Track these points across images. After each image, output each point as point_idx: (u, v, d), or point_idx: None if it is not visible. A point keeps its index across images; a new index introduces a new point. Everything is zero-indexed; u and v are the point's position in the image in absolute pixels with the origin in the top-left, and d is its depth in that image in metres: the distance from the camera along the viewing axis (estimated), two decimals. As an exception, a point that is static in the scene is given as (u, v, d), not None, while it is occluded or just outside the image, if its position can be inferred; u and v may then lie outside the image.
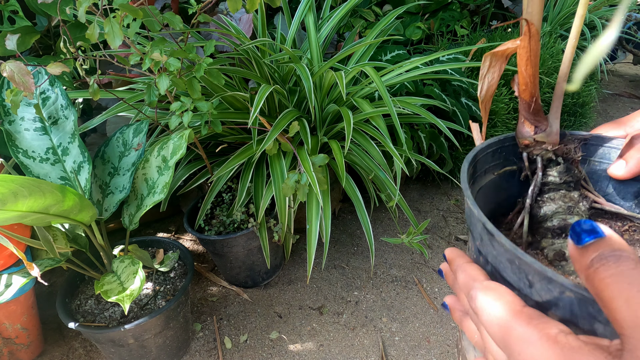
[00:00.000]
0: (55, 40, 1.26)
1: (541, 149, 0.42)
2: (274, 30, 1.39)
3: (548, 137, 0.41)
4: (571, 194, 0.41)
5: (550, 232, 0.41)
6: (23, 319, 1.03)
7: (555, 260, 0.39)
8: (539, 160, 0.42)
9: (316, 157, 1.01)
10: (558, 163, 0.42)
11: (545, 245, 0.40)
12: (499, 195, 0.46)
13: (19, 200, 0.67)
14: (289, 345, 1.12)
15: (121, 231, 1.44)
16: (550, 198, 0.41)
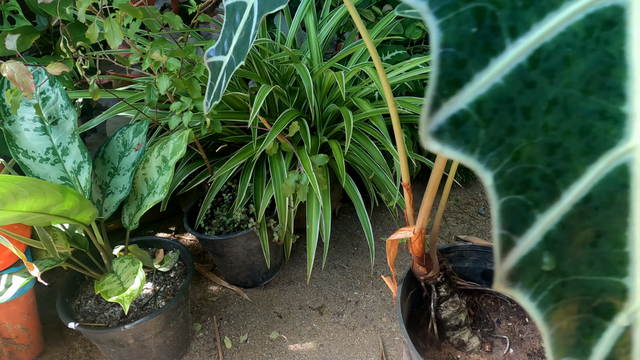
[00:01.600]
0: (55, 40, 1.26)
1: (432, 279, 0.67)
2: (274, 30, 1.39)
3: (434, 271, 0.67)
4: (455, 299, 0.65)
5: (452, 328, 0.66)
6: (23, 319, 1.03)
7: (460, 346, 0.65)
8: (432, 286, 0.67)
9: (316, 157, 1.01)
10: (443, 282, 0.67)
11: (450, 337, 0.67)
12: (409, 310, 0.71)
13: (19, 200, 0.67)
14: (289, 345, 1.12)
15: (121, 231, 1.44)
16: (445, 307, 0.66)
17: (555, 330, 0.22)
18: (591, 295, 0.21)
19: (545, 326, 0.21)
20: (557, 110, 0.20)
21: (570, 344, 0.22)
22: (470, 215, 1.54)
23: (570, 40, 0.19)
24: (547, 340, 0.22)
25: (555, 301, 0.21)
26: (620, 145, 0.20)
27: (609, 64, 0.19)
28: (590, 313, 0.21)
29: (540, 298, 0.21)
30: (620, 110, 0.19)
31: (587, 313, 0.21)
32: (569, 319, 0.21)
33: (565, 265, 0.21)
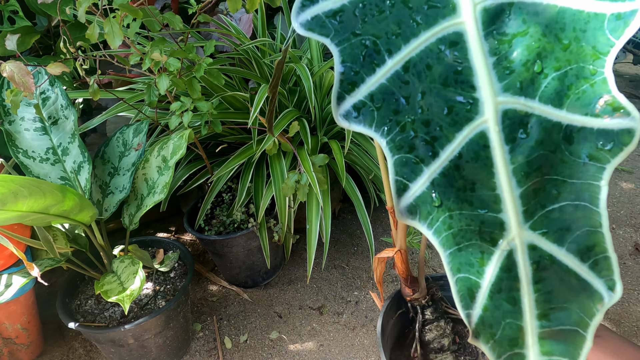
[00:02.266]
0: (55, 40, 1.26)
1: (418, 301, 0.69)
2: (274, 30, 1.39)
3: (420, 293, 0.68)
4: (440, 324, 0.68)
5: (434, 351, 0.68)
6: (23, 319, 1.03)
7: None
8: (418, 308, 0.69)
9: (316, 157, 1.01)
10: (429, 305, 0.69)
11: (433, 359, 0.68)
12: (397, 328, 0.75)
13: (19, 200, 0.67)
14: (289, 345, 1.12)
15: (121, 231, 1.44)
16: (429, 329, 0.68)
17: (450, 252, 0.29)
18: (475, 226, 0.28)
19: (441, 249, 0.29)
20: (427, 98, 0.29)
21: (466, 262, 0.29)
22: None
23: (429, 54, 0.29)
24: (445, 261, 0.29)
25: (446, 230, 0.29)
26: (478, 118, 0.29)
27: (459, 66, 0.29)
28: (477, 240, 0.29)
29: (434, 227, 0.29)
30: (473, 96, 0.29)
31: (475, 240, 0.29)
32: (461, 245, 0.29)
33: (450, 203, 0.29)
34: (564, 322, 0.27)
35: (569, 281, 0.27)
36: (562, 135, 0.27)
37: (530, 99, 0.28)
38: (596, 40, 0.27)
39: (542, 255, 0.28)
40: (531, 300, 0.28)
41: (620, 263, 1.30)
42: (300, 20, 0.31)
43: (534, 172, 0.28)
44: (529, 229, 0.28)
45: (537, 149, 0.28)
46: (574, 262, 0.27)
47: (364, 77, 0.30)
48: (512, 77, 0.28)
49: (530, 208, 0.28)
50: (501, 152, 0.28)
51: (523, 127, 0.28)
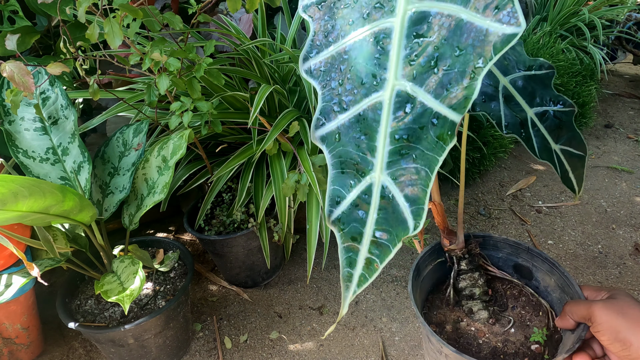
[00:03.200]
0: (55, 40, 1.26)
1: (454, 252, 0.76)
2: (274, 30, 1.39)
3: (457, 245, 0.75)
4: (474, 275, 0.76)
5: (465, 297, 0.77)
6: (23, 319, 1.03)
7: (469, 313, 0.76)
8: (454, 259, 0.77)
9: (316, 157, 1.01)
10: (465, 258, 0.76)
11: (464, 304, 0.77)
12: (436, 275, 0.83)
13: (19, 201, 0.67)
14: (289, 345, 1.12)
15: (121, 231, 1.44)
16: (463, 278, 0.76)
17: (335, 172, 0.43)
18: (355, 161, 0.42)
19: (331, 168, 0.43)
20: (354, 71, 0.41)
21: (342, 181, 0.43)
22: (470, 215, 1.54)
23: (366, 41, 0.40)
24: (329, 177, 0.43)
25: (338, 157, 0.43)
26: (380, 92, 0.40)
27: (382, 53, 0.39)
28: (354, 170, 0.42)
29: (332, 153, 0.43)
30: (383, 75, 0.39)
31: (352, 170, 0.42)
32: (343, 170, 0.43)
33: (345, 141, 0.42)
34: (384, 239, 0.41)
35: (397, 215, 0.40)
36: (430, 118, 0.38)
37: (419, 86, 0.38)
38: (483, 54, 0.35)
39: (388, 193, 0.41)
40: (373, 218, 0.42)
41: (620, 263, 1.30)
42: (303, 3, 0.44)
43: (403, 138, 0.39)
44: (387, 174, 0.40)
45: (411, 123, 0.39)
46: (404, 204, 0.40)
47: (323, 48, 0.43)
48: (411, 67, 0.38)
49: (393, 161, 0.40)
50: (387, 119, 0.39)
51: (407, 105, 0.39)
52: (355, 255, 0.43)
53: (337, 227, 0.43)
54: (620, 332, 0.50)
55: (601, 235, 1.42)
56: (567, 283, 0.72)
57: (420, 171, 0.38)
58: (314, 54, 0.43)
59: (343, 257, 0.44)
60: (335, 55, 0.42)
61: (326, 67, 0.42)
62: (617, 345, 0.50)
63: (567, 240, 1.41)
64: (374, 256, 0.42)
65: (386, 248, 0.41)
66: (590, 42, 2.05)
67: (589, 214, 1.52)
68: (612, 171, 1.75)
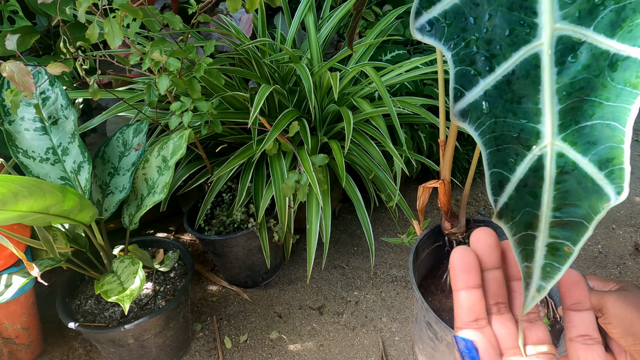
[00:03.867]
0: (55, 40, 1.26)
1: (455, 235, 0.74)
2: (274, 30, 1.39)
3: (458, 229, 0.73)
4: None
5: None
6: (23, 319, 1.03)
7: None
8: (454, 243, 0.74)
9: (316, 157, 1.01)
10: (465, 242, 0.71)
11: None
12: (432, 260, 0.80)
13: (19, 201, 0.67)
14: (289, 345, 1.12)
15: (121, 231, 1.44)
16: None
17: (490, 151, 0.34)
18: (515, 132, 0.33)
19: (484, 147, 0.34)
20: (492, 20, 0.33)
21: (501, 160, 0.34)
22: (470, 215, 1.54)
23: None
24: (484, 158, 0.34)
25: (490, 133, 0.34)
26: (534, 41, 0.32)
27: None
28: (514, 144, 0.33)
29: (480, 129, 0.34)
30: (534, 21, 0.32)
31: (512, 144, 0.34)
32: (500, 146, 0.34)
33: (497, 111, 0.33)
34: (573, 215, 0.32)
35: (585, 184, 0.32)
36: (608, 63, 0.31)
37: (586, 27, 0.31)
38: None
39: (567, 162, 0.32)
40: (550, 196, 0.33)
41: (620, 263, 1.30)
42: None
43: (575, 92, 0.32)
44: (560, 140, 0.32)
45: (583, 73, 0.31)
46: (593, 170, 0.31)
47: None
48: (572, 6, 0.31)
49: (566, 123, 0.32)
50: (550, 72, 0.32)
51: (573, 52, 0.32)
52: (532, 244, 0.35)
53: (505, 218, 0.36)
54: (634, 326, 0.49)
55: (601, 235, 1.42)
56: None
57: (606, 127, 0.32)
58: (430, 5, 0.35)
59: (517, 252, 0.36)
60: (460, 4, 0.34)
61: (450, 20, 0.34)
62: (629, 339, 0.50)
63: (567, 240, 1.41)
64: (560, 239, 0.34)
65: (579, 225, 0.33)
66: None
67: (589, 214, 1.52)
68: (612, 171, 1.76)
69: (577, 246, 0.33)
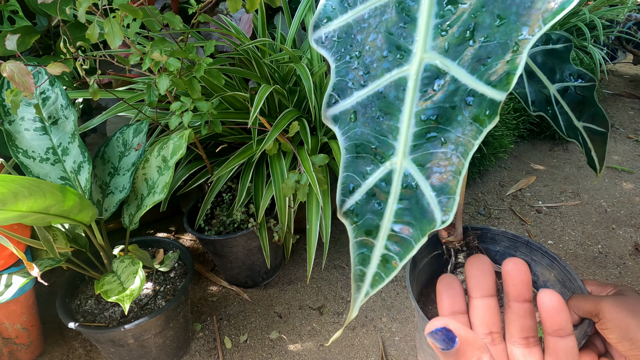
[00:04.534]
0: (55, 40, 1.26)
1: (452, 244, 0.73)
2: (274, 30, 1.39)
3: (455, 237, 0.73)
4: None
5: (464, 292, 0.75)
6: (23, 319, 1.03)
7: None
8: (452, 251, 0.74)
9: (316, 157, 1.01)
10: (463, 250, 0.74)
11: None
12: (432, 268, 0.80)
13: (19, 201, 0.67)
14: (289, 345, 1.12)
15: (121, 231, 1.44)
16: (460, 272, 0.74)
17: (350, 156, 0.37)
18: (374, 144, 0.36)
19: (345, 152, 0.37)
20: (375, 41, 0.35)
21: (357, 167, 0.37)
22: (470, 215, 1.54)
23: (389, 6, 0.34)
24: (342, 162, 0.37)
25: (353, 140, 0.37)
26: (405, 65, 0.34)
27: (408, 21, 0.34)
28: (371, 155, 0.36)
29: (346, 135, 0.37)
30: (408, 47, 0.34)
31: (370, 154, 0.36)
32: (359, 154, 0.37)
33: (362, 121, 0.36)
34: (406, 233, 0.36)
35: (422, 205, 0.35)
36: (464, 97, 0.33)
37: (451, 60, 0.33)
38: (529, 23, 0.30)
39: (412, 181, 0.35)
40: (392, 210, 0.36)
41: (620, 263, 1.30)
42: None
43: (431, 120, 0.34)
44: (410, 160, 0.35)
45: (441, 102, 0.33)
46: (430, 194, 0.34)
47: (337, 14, 0.37)
48: (443, 39, 0.33)
49: (418, 145, 0.35)
50: (412, 96, 0.34)
51: (437, 82, 0.34)
52: (370, 251, 0.38)
53: (349, 219, 0.39)
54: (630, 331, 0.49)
55: (601, 235, 1.42)
56: (569, 277, 0.71)
57: (451, 156, 0.33)
58: (325, 22, 0.38)
59: (355, 254, 0.40)
60: (352, 23, 0.37)
61: (341, 37, 0.37)
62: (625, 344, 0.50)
63: (567, 240, 1.41)
64: (391, 253, 0.36)
65: (408, 243, 0.35)
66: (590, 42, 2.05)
67: (589, 214, 1.52)
68: (612, 171, 1.75)
69: (401, 262, 0.36)
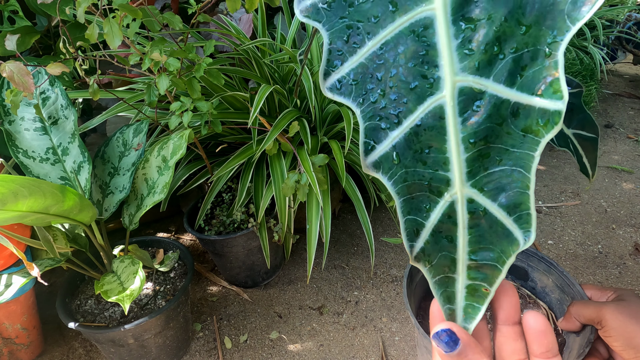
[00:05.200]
0: (55, 40, 1.26)
1: None
2: (274, 30, 1.39)
3: None
4: None
5: None
6: (23, 319, 1.03)
7: None
8: None
9: (316, 157, 1.01)
10: None
11: None
12: None
13: (19, 200, 0.67)
14: (289, 345, 1.12)
15: (121, 231, 1.44)
16: None
17: (403, 199, 0.35)
18: (426, 180, 0.34)
19: (397, 196, 0.35)
20: (397, 75, 0.33)
21: (415, 208, 0.35)
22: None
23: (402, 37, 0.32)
24: (398, 207, 0.35)
25: (402, 182, 0.35)
26: (437, 94, 0.32)
27: (426, 47, 0.32)
28: (426, 192, 0.35)
29: (393, 179, 0.35)
30: (435, 74, 0.32)
31: (424, 192, 0.35)
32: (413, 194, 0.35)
33: (407, 161, 0.34)
34: (487, 259, 0.34)
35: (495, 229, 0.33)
36: (510, 111, 0.31)
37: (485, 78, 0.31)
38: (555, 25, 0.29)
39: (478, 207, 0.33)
40: (465, 240, 0.34)
41: (620, 263, 1.30)
42: (300, 7, 0.35)
43: (480, 141, 0.32)
44: (470, 187, 0.33)
45: (486, 122, 0.32)
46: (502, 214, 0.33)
47: (347, 56, 0.34)
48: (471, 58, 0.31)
49: (474, 170, 0.33)
50: (454, 123, 0.32)
51: (476, 102, 0.32)
52: (452, 286, 0.36)
53: (422, 261, 0.36)
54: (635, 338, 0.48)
55: (601, 235, 1.42)
56: (567, 283, 0.71)
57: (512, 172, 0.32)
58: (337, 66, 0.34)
59: (439, 294, 0.37)
60: (365, 62, 0.34)
61: (357, 79, 0.34)
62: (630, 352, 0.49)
63: (567, 241, 1.41)
64: (478, 281, 0.35)
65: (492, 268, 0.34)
66: (590, 42, 2.05)
67: (589, 214, 1.52)
68: (612, 171, 1.75)
69: (493, 287, 0.34)
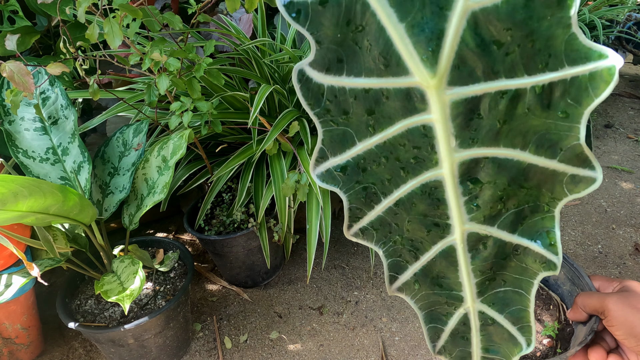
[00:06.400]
0: (55, 40, 1.26)
1: None
2: (274, 30, 1.39)
3: None
4: None
5: None
6: (23, 319, 1.03)
7: None
8: None
9: (316, 157, 1.01)
10: None
11: None
12: None
13: (19, 201, 0.67)
14: (289, 345, 1.12)
15: (121, 231, 1.44)
16: None
17: (425, 313, 0.44)
18: (443, 299, 0.42)
19: (419, 311, 0.43)
20: (412, 224, 0.39)
21: (435, 318, 0.43)
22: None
23: (415, 195, 0.37)
24: (421, 318, 0.44)
25: (423, 301, 0.43)
26: (449, 237, 0.38)
27: (437, 202, 0.36)
28: (444, 306, 0.42)
29: (415, 299, 0.43)
30: (446, 223, 0.37)
31: (442, 306, 0.43)
32: (432, 308, 0.43)
33: (426, 286, 0.42)
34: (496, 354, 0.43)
35: (503, 334, 0.41)
36: (512, 249, 0.38)
37: (490, 226, 0.37)
38: (554, 189, 0.33)
39: (487, 317, 0.41)
40: (478, 340, 0.43)
41: (620, 263, 1.30)
42: (316, 172, 0.39)
43: (487, 270, 0.39)
44: (480, 302, 0.41)
45: (492, 257, 0.38)
46: (508, 324, 0.40)
47: (365, 212, 0.39)
48: (478, 211, 0.36)
49: (483, 290, 0.41)
50: (464, 258, 0.39)
51: (482, 244, 0.38)
52: None
53: (445, 354, 0.45)
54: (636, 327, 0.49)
55: (601, 235, 1.42)
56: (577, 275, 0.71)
57: (514, 293, 0.39)
58: (358, 219, 0.40)
59: None
60: (383, 215, 0.39)
61: (377, 227, 0.40)
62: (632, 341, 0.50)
63: (567, 240, 1.41)
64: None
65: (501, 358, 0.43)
66: (590, 42, 2.04)
67: (589, 214, 1.52)
68: (612, 171, 1.75)
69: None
